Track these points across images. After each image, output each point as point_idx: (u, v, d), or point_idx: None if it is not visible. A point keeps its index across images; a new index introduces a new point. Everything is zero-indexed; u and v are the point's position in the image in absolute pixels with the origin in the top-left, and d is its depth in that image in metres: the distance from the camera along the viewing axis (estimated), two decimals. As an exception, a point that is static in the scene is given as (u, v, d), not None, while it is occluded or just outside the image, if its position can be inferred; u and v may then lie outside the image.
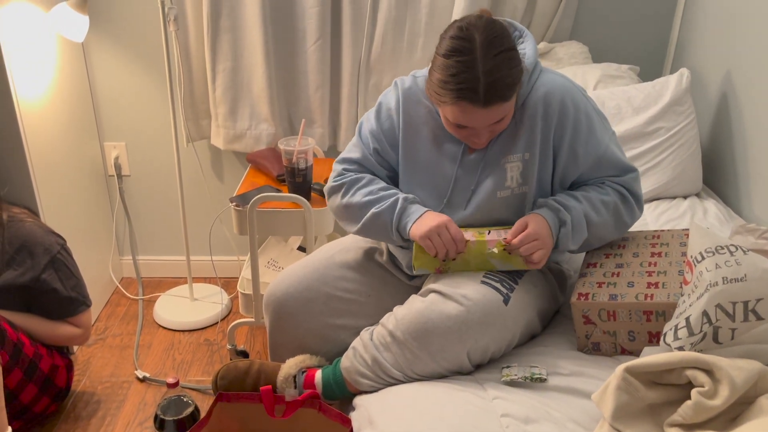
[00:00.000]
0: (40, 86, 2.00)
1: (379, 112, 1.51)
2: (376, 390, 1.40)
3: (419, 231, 1.39)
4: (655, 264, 1.42)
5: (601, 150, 1.44)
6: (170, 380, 1.49)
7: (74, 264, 1.82)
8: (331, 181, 1.54)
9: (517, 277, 1.42)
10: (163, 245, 2.60)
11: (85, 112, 2.31)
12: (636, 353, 1.33)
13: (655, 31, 2.35)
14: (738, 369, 1.04)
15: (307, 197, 1.89)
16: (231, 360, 1.64)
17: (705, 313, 1.13)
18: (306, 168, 1.87)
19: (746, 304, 1.11)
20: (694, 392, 1.05)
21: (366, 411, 1.35)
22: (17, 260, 1.71)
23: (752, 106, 1.89)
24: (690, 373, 1.06)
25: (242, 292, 2.12)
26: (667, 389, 1.10)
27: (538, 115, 1.40)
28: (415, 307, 1.36)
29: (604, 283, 1.39)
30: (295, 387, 1.50)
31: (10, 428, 1.54)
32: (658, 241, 1.51)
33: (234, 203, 1.89)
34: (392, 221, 1.44)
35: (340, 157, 1.56)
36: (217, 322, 2.37)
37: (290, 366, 1.52)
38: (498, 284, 1.37)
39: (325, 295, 1.54)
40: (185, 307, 2.42)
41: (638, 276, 1.38)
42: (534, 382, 1.30)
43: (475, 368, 1.38)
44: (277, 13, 2.17)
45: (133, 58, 2.29)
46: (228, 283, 2.59)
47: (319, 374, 1.50)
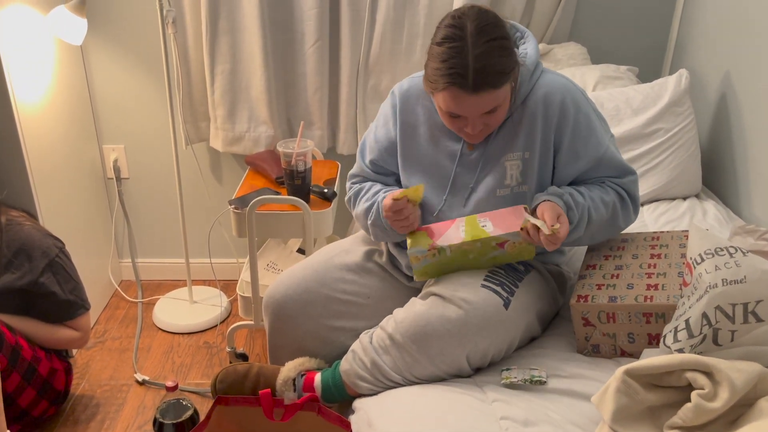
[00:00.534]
0: (38, 89, 1.99)
1: (377, 123, 1.58)
2: (376, 393, 1.40)
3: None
4: (655, 266, 1.41)
5: (602, 150, 1.44)
6: (169, 383, 1.49)
7: (73, 267, 1.82)
8: (345, 199, 1.64)
9: (517, 281, 1.42)
10: (163, 248, 2.60)
11: (83, 114, 2.30)
12: (636, 355, 1.33)
13: (654, 32, 2.35)
14: (738, 371, 1.04)
15: (306, 199, 1.88)
16: (230, 363, 1.64)
17: (705, 315, 1.13)
18: (305, 170, 1.87)
19: (746, 305, 1.11)
20: (694, 394, 1.05)
21: (365, 414, 1.34)
22: (15, 263, 1.70)
23: (751, 107, 1.89)
24: (690, 375, 1.06)
25: (241, 294, 2.11)
26: (667, 391, 1.10)
27: (538, 115, 1.40)
28: (414, 311, 1.36)
29: (603, 284, 1.39)
30: (294, 390, 1.50)
31: (8, 432, 1.54)
32: (657, 243, 1.50)
33: (233, 206, 1.89)
34: (382, 218, 1.48)
35: (348, 174, 1.64)
36: (216, 325, 2.37)
37: (289, 369, 1.52)
38: (498, 288, 1.37)
39: (324, 297, 1.54)
40: (184, 309, 2.42)
41: (638, 278, 1.38)
42: (533, 385, 1.29)
43: (474, 371, 1.38)
44: (276, 15, 2.16)
45: (132, 60, 2.29)
46: (227, 286, 2.58)
47: (318, 377, 1.50)
